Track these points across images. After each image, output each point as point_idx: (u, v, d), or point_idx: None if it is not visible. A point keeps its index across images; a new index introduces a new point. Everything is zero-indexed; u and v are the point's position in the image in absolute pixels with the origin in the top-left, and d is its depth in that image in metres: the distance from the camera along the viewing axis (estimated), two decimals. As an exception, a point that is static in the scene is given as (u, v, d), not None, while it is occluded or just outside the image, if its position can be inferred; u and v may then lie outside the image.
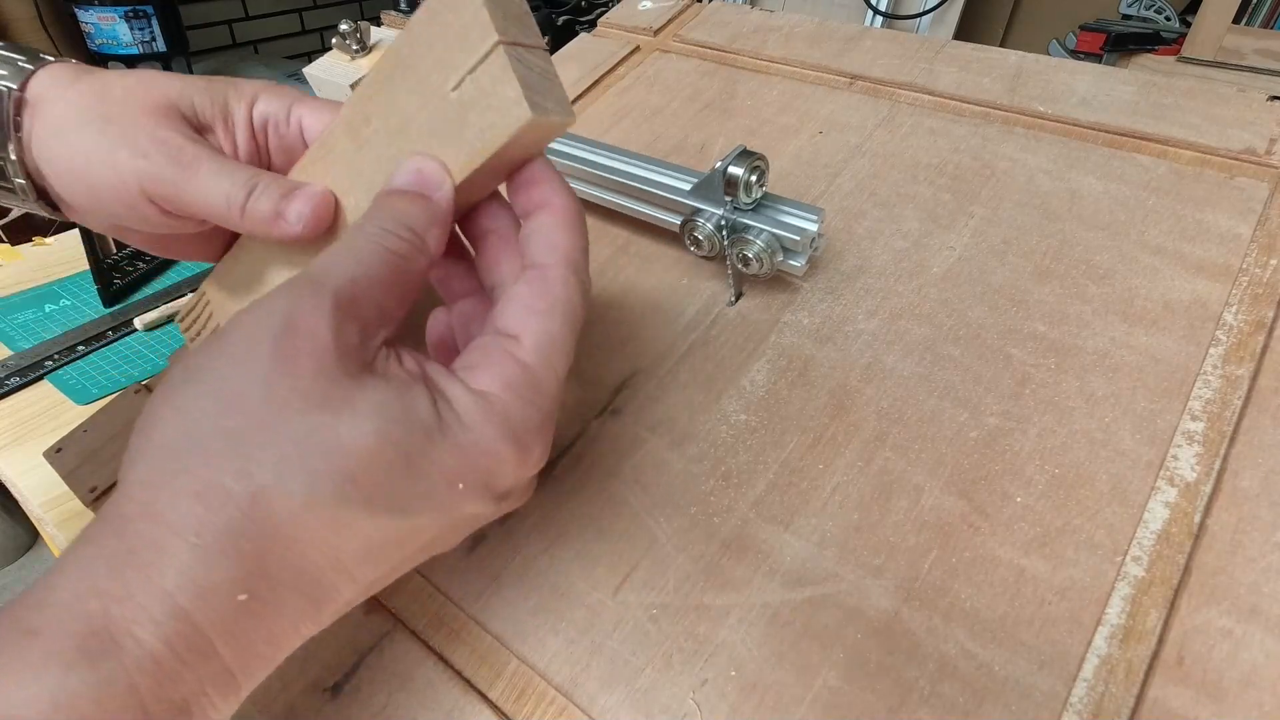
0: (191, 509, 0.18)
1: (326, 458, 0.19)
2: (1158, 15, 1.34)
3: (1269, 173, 0.35)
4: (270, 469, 0.18)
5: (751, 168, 0.33)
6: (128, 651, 0.17)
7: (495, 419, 0.21)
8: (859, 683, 0.24)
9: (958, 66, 0.45)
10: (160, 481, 0.18)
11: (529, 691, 0.26)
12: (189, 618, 0.17)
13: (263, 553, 0.18)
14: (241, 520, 0.18)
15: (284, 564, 0.19)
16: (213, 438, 0.19)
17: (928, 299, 0.34)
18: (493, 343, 0.22)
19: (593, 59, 0.54)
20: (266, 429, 0.19)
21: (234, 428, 0.19)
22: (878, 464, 0.29)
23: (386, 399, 0.19)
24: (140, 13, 1.14)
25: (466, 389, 0.21)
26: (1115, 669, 0.23)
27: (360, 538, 0.19)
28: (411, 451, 0.19)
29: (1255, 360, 0.29)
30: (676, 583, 0.28)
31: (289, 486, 0.18)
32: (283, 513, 0.18)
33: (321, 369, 0.19)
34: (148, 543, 0.18)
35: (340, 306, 0.20)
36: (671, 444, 0.31)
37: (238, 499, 0.18)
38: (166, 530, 0.18)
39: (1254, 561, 0.25)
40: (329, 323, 0.20)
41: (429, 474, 0.20)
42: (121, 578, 0.17)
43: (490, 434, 0.20)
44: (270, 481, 0.18)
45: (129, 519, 0.18)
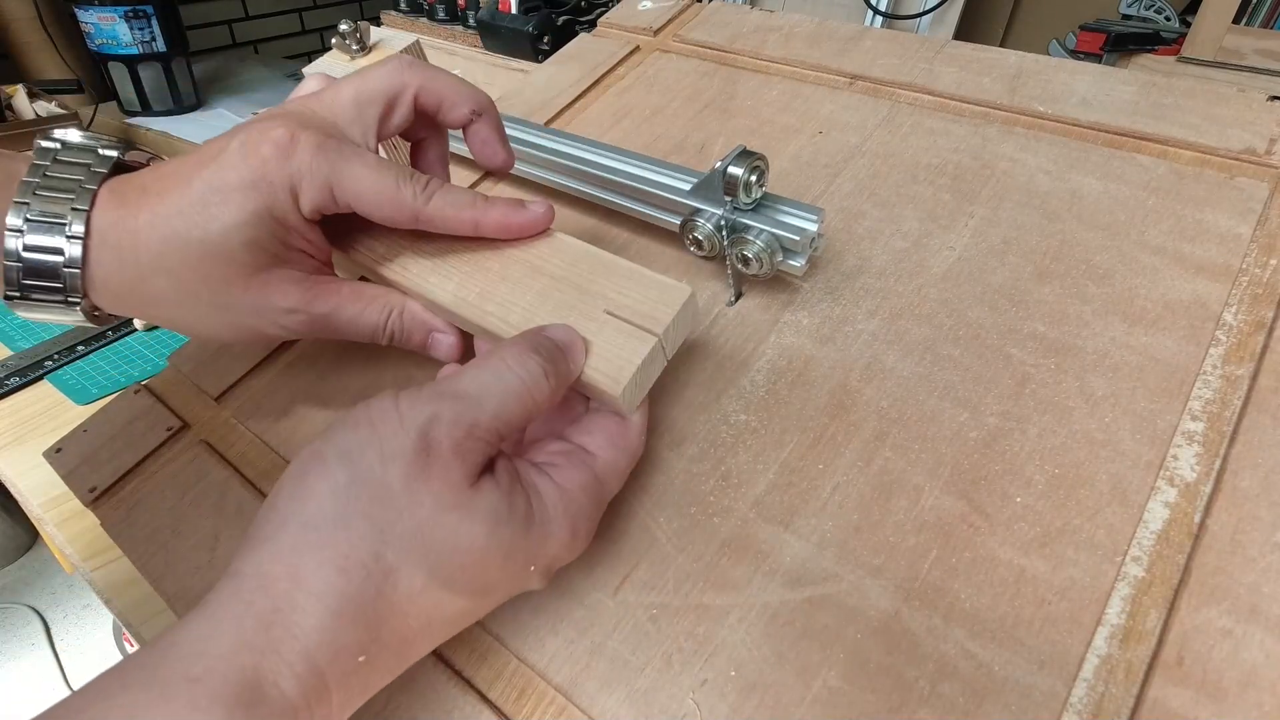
0: (334, 580, 0.21)
1: (445, 553, 0.22)
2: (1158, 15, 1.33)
3: (1269, 173, 0.35)
4: (403, 555, 0.22)
5: (751, 168, 0.33)
6: (273, 701, 0.20)
7: (569, 512, 0.25)
8: (859, 683, 0.24)
9: (958, 66, 0.45)
10: (308, 550, 0.21)
11: (529, 691, 0.26)
12: (321, 674, 0.20)
13: (381, 623, 0.22)
14: (373, 594, 0.21)
15: (392, 632, 0.22)
16: (358, 520, 0.22)
17: (928, 299, 0.34)
18: (574, 451, 0.27)
19: (593, 59, 0.54)
20: (401, 520, 0.22)
21: (375, 514, 0.22)
22: (877, 464, 0.29)
23: (497, 504, 0.23)
24: (140, 13, 1.14)
25: (553, 483, 0.25)
26: (1115, 669, 0.23)
27: (451, 611, 0.23)
28: (511, 545, 0.23)
29: (1255, 360, 0.29)
30: (676, 583, 0.28)
31: (414, 571, 0.22)
32: (404, 591, 0.22)
33: (449, 478, 0.23)
34: (292, 604, 0.21)
35: (475, 432, 0.23)
36: (671, 444, 0.31)
37: (373, 576, 0.21)
38: (309, 595, 0.21)
39: (1254, 561, 0.25)
40: (462, 445, 0.23)
41: (516, 561, 0.24)
42: (270, 634, 0.20)
43: (565, 525, 0.25)
44: (398, 564, 0.22)
45: (274, 578, 0.21)
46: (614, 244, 0.41)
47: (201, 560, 0.32)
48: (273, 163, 0.27)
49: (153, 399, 0.38)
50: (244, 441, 0.36)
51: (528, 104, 0.51)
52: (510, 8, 0.95)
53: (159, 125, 1.22)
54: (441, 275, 0.31)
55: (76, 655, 1.36)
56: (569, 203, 0.43)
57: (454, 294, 0.30)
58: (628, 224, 0.41)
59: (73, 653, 1.36)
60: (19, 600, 1.43)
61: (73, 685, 1.31)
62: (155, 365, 0.62)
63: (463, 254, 0.31)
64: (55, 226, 0.27)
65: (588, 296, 0.29)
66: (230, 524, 0.33)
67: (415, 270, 0.31)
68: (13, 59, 1.30)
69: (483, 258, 0.31)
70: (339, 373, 0.37)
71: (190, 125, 1.21)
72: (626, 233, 0.41)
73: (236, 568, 0.22)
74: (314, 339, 0.32)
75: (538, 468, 0.26)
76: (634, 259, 0.39)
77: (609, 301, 0.28)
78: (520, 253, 0.30)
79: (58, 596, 1.45)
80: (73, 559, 0.46)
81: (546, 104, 0.51)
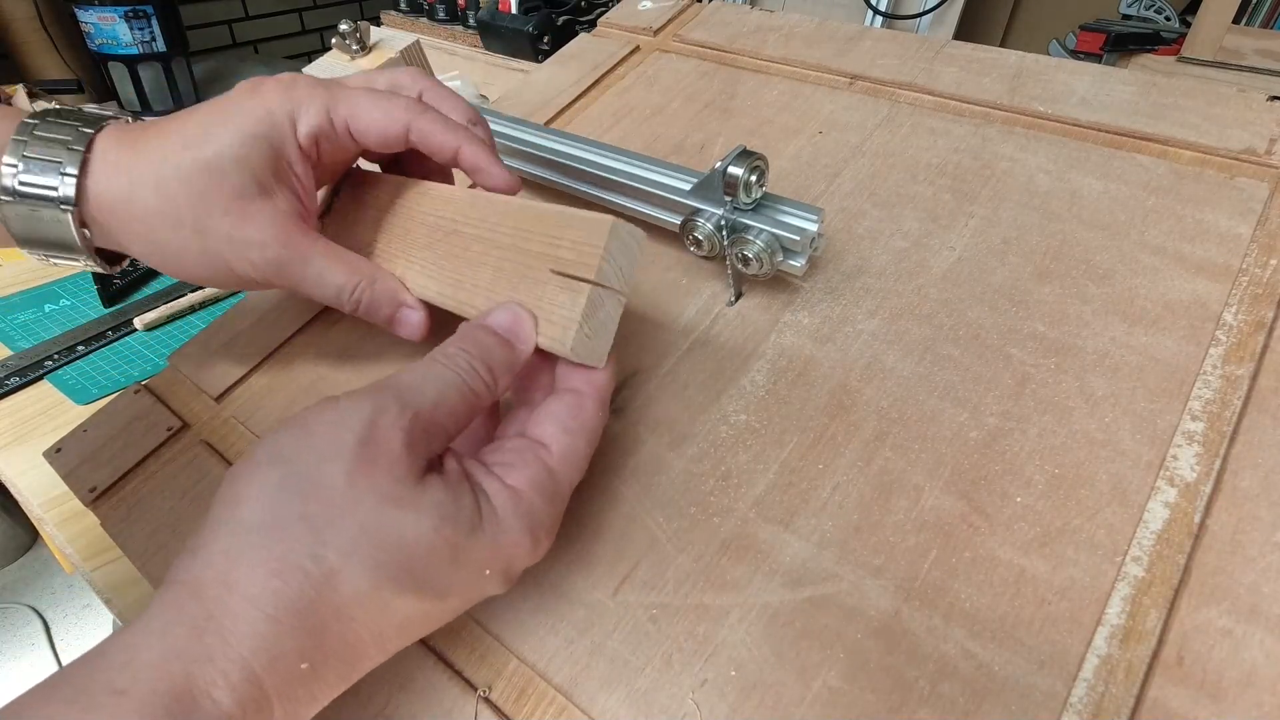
0: (268, 583, 0.20)
1: (390, 550, 0.21)
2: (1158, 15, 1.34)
3: (1269, 173, 0.35)
4: (342, 555, 0.21)
5: (751, 168, 0.33)
6: (205, 711, 0.19)
7: (523, 514, 0.24)
8: (859, 683, 0.24)
9: (958, 66, 0.45)
10: (240, 555, 0.20)
11: (529, 691, 0.26)
12: (259, 682, 0.19)
13: (324, 628, 0.21)
14: (313, 597, 0.20)
15: (338, 638, 0.21)
16: (294, 522, 0.21)
17: (928, 299, 0.34)
18: (525, 446, 0.26)
19: (593, 59, 0.54)
20: (342, 519, 0.21)
21: (314, 514, 0.21)
22: (877, 464, 0.29)
23: (443, 500, 0.22)
24: (140, 13, 1.14)
25: (502, 484, 0.24)
26: (1115, 669, 0.23)
27: (401, 616, 0.22)
28: (458, 545, 0.22)
29: (1255, 360, 0.29)
30: (676, 583, 0.28)
31: (355, 571, 0.21)
32: (347, 594, 0.21)
33: (393, 473, 0.22)
34: (226, 610, 0.20)
35: (417, 425, 0.23)
36: (671, 444, 0.31)
37: (312, 578, 0.20)
38: (243, 600, 0.20)
39: (1254, 561, 0.25)
40: (404, 438, 0.22)
41: (468, 563, 0.23)
42: (202, 642, 0.19)
43: (517, 526, 0.24)
44: (340, 566, 0.21)
45: (206, 585, 0.20)
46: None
47: (201, 560, 0.32)
48: (274, 97, 0.30)
49: (153, 399, 0.38)
50: (244, 441, 0.36)
51: (528, 104, 0.51)
52: (510, 8, 0.95)
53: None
54: (427, 276, 0.32)
55: (76, 655, 1.36)
56: (569, 202, 0.43)
57: (437, 292, 0.31)
58: (628, 224, 0.41)
59: (73, 653, 1.36)
60: (19, 600, 1.43)
61: (73, 685, 1.30)
62: (155, 365, 0.62)
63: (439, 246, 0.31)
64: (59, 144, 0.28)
65: (533, 259, 0.28)
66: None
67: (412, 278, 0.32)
68: (13, 59, 1.30)
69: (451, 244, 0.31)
70: (339, 373, 0.37)
71: (190, 125, 1.21)
72: (626, 233, 0.41)
73: (171, 577, 0.21)
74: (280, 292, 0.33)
75: (487, 469, 0.25)
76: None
77: (551, 259, 0.27)
78: (475, 229, 0.30)
79: (58, 596, 1.45)
80: (73, 559, 0.46)
81: (547, 104, 0.51)
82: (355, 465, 0.22)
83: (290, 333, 0.39)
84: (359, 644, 0.22)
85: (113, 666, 0.19)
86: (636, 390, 0.33)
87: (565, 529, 0.29)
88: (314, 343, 0.39)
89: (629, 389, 0.33)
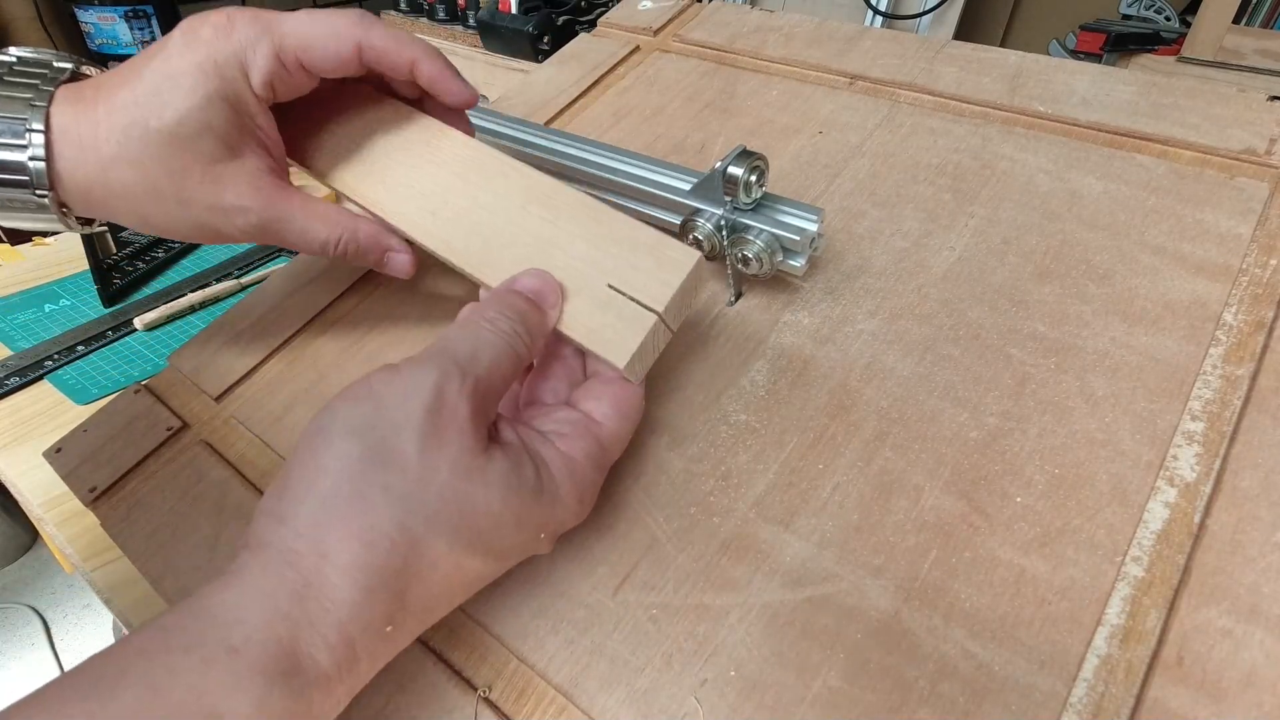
0: (357, 552, 0.21)
1: (466, 518, 0.23)
2: (1157, 15, 1.33)
3: (1269, 173, 0.35)
4: (427, 524, 0.22)
5: (751, 168, 0.33)
6: (307, 671, 0.20)
7: (575, 480, 0.26)
8: (859, 683, 0.24)
9: (957, 66, 0.45)
10: (330, 525, 0.22)
11: (529, 691, 0.26)
12: (353, 644, 0.21)
13: (407, 590, 0.22)
14: (399, 566, 0.22)
15: (418, 599, 0.23)
16: (376, 491, 0.22)
17: (928, 299, 0.34)
18: (580, 420, 0.27)
19: (593, 59, 0.54)
20: (422, 490, 0.22)
21: (394, 485, 0.22)
22: (877, 464, 0.29)
23: (507, 469, 0.24)
24: (140, 13, 1.14)
25: (559, 452, 0.26)
26: (1115, 669, 0.23)
27: (471, 575, 0.24)
28: (521, 511, 0.24)
29: (1255, 360, 0.29)
30: (676, 583, 0.28)
31: (436, 539, 0.22)
32: (428, 559, 0.22)
33: (463, 443, 0.23)
34: (324, 579, 0.21)
35: (478, 391, 0.24)
36: (671, 444, 0.31)
37: (399, 547, 0.22)
38: (337, 570, 0.21)
39: (1254, 561, 0.25)
40: (469, 405, 0.24)
41: (528, 526, 0.24)
42: (303, 607, 0.21)
43: (570, 491, 0.25)
44: (423, 535, 0.22)
45: (300, 554, 0.21)
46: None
47: (201, 560, 0.32)
48: (215, 43, 0.29)
49: (153, 399, 0.38)
50: (244, 441, 0.36)
51: (528, 104, 0.51)
52: (510, 8, 0.95)
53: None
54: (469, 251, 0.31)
55: (76, 655, 1.36)
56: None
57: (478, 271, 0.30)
58: (628, 224, 0.41)
59: (73, 653, 1.36)
60: (19, 600, 1.43)
61: (73, 685, 1.30)
62: (155, 365, 0.62)
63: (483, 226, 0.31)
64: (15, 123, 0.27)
65: (593, 268, 0.29)
66: (230, 524, 0.33)
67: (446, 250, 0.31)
68: (13, 59, 1.30)
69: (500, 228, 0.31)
70: (340, 372, 0.37)
71: (190, 125, 1.21)
72: (626, 233, 0.41)
73: (259, 540, 0.22)
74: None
75: (544, 436, 0.26)
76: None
77: (613, 275, 0.28)
78: (535, 225, 0.30)
79: (58, 596, 1.44)
80: (73, 559, 0.46)
81: (546, 104, 0.51)
82: (427, 435, 0.23)
83: (291, 333, 0.39)
84: (434, 602, 0.23)
85: (224, 624, 0.20)
86: (636, 390, 0.33)
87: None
88: (314, 342, 0.39)
89: (629, 389, 0.33)
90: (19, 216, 0.30)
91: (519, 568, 0.29)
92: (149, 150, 0.28)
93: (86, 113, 0.28)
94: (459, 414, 0.23)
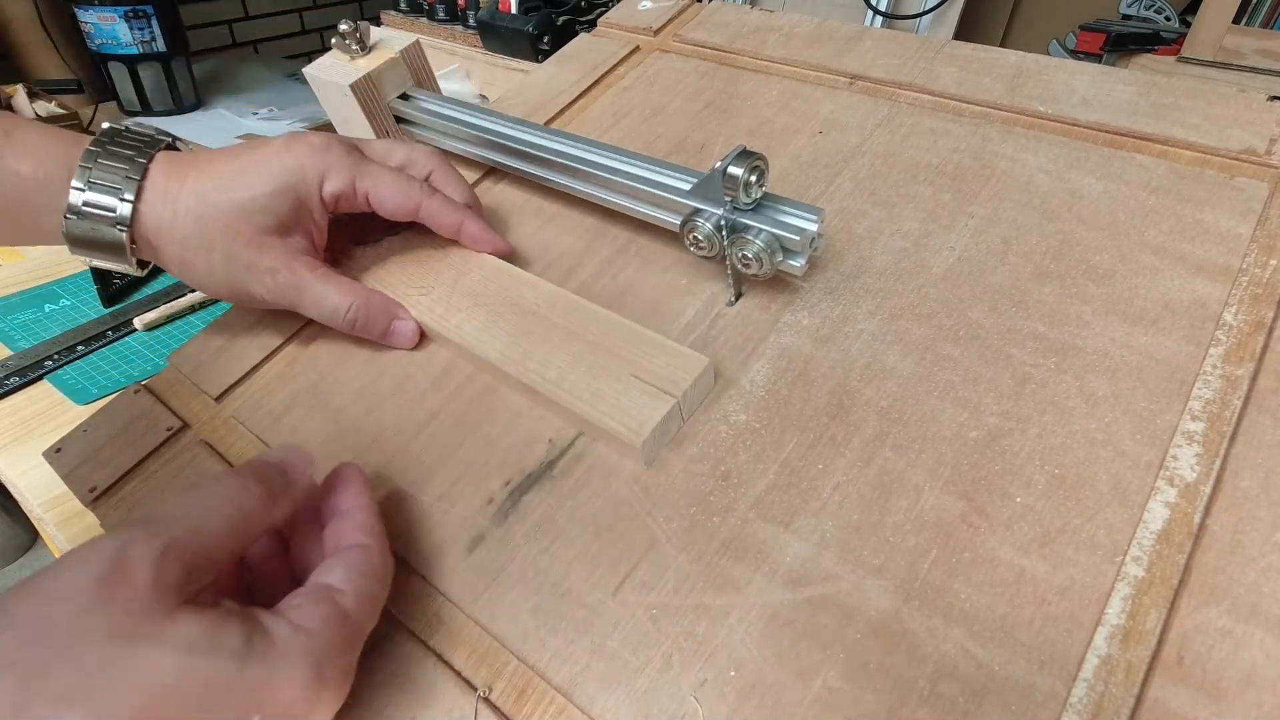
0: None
1: (117, 692, 0.19)
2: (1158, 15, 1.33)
3: (1269, 173, 0.35)
4: (55, 702, 0.18)
5: (751, 168, 0.33)
6: None
7: (310, 650, 0.22)
8: (859, 683, 0.24)
9: (957, 66, 0.45)
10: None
11: (529, 692, 0.26)
12: None
13: None
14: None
15: None
16: (4, 670, 0.18)
17: (928, 299, 0.34)
18: (319, 591, 0.24)
19: (592, 59, 0.54)
20: (63, 663, 0.19)
21: (28, 661, 0.19)
22: (877, 464, 0.29)
23: (196, 632, 0.20)
24: (140, 13, 1.14)
25: (288, 621, 0.23)
26: (1115, 669, 0.23)
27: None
28: (214, 679, 0.20)
29: (1255, 360, 0.29)
30: (676, 583, 0.28)
31: (69, 717, 0.18)
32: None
33: (133, 605, 0.20)
34: None
35: (169, 552, 0.21)
36: (671, 444, 0.31)
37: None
38: None
39: (1254, 561, 0.25)
40: (152, 565, 0.20)
41: (228, 703, 0.20)
42: None
43: (301, 663, 0.22)
44: (48, 714, 0.18)
45: None
46: (614, 243, 0.41)
47: (201, 560, 0.32)
48: (307, 155, 0.35)
49: (153, 399, 0.38)
50: (244, 442, 0.36)
51: (528, 104, 0.51)
52: (510, 8, 0.95)
53: (159, 125, 1.22)
54: (491, 335, 0.35)
55: (76, 655, 1.35)
56: (570, 202, 0.43)
57: (501, 352, 0.34)
58: (628, 223, 0.41)
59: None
60: (19, 600, 1.43)
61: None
62: (155, 365, 0.62)
63: (510, 318, 0.35)
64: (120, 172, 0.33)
65: (617, 361, 0.32)
66: (230, 524, 0.33)
67: (469, 330, 0.35)
68: (12, 59, 1.30)
69: (527, 322, 0.35)
70: (339, 372, 0.37)
71: (190, 125, 1.21)
72: (627, 232, 0.41)
73: None
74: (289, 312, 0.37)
75: (273, 611, 0.23)
76: (634, 258, 0.40)
77: (635, 366, 0.32)
78: (561, 320, 0.35)
79: (58, 596, 1.44)
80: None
81: (546, 104, 0.51)
82: (89, 604, 0.19)
83: (291, 332, 0.39)
84: None
85: None
86: (636, 390, 0.33)
87: (565, 528, 0.30)
88: (314, 342, 0.39)
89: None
90: (93, 251, 0.34)
91: (517, 566, 0.29)
92: (217, 211, 0.33)
93: (177, 173, 0.33)
94: (135, 579, 0.20)
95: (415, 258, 0.39)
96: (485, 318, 0.35)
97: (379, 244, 0.40)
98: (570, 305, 0.35)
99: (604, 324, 0.34)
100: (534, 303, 0.36)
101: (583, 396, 0.31)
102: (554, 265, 0.40)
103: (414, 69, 0.48)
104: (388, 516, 0.31)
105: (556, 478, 0.31)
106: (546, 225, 0.43)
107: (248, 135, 1.19)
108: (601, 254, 0.40)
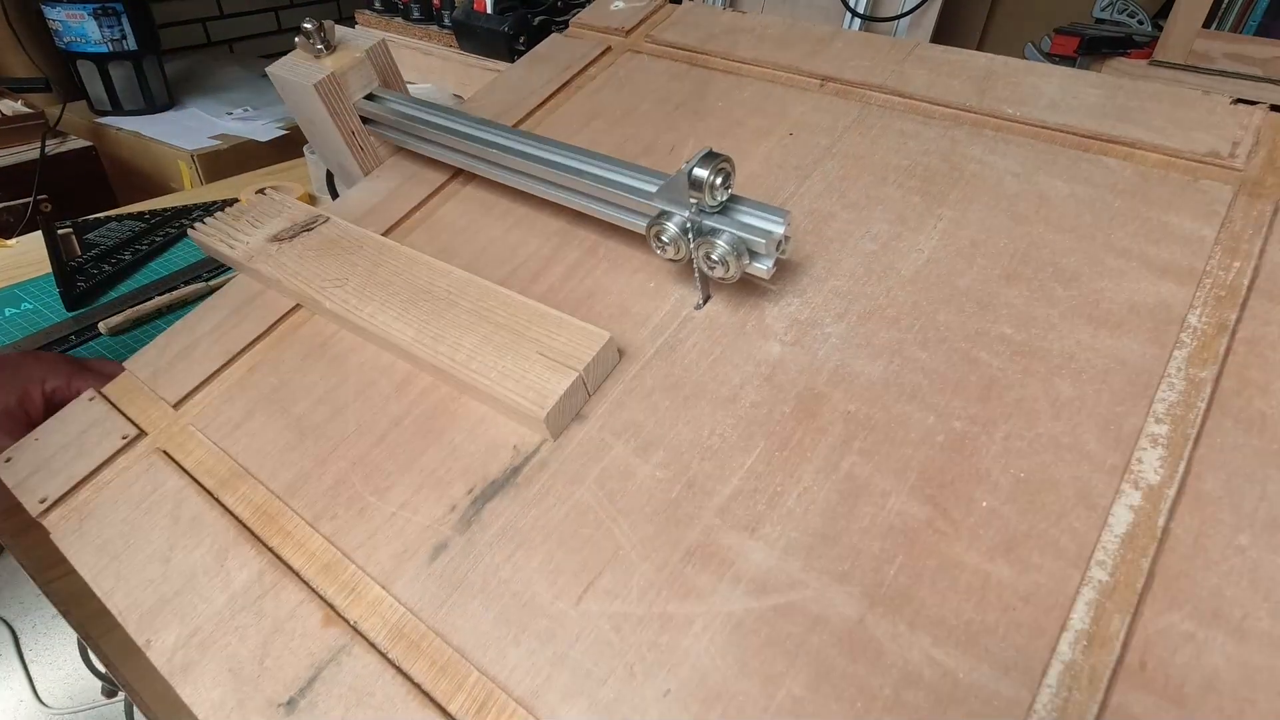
0: None
1: None
2: (1130, 19, 1.35)
3: (1232, 175, 0.35)
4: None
5: (717, 170, 0.32)
6: None
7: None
8: (823, 692, 0.24)
9: (928, 68, 0.45)
10: None
11: (489, 704, 0.26)
12: None
13: None
14: None
15: None
16: None
17: (896, 301, 0.34)
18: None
19: (564, 59, 0.53)
20: None
21: None
22: (844, 469, 0.29)
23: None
24: (109, 10, 1.12)
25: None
26: (1079, 675, 0.23)
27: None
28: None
29: (1218, 363, 0.29)
30: (640, 591, 0.27)
31: None
32: None
33: None
34: None
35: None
36: (637, 450, 0.31)
37: None
38: None
39: (1216, 565, 0.24)
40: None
41: None
42: None
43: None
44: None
45: None
46: (582, 246, 0.40)
47: (155, 574, 0.31)
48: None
49: (108, 406, 0.37)
50: (202, 449, 0.35)
51: (498, 104, 0.50)
52: (485, 8, 0.95)
53: (130, 125, 1.20)
54: (404, 322, 0.35)
55: (46, 666, 1.33)
56: (537, 205, 0.43)
57: (413, 338, 0.34)
58: (595, 226, 0.41)
59: (42, 664, 1.33)
60: (-14, 610, 1.40)
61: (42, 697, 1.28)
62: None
63: (423, 305, 0.36)
64: None
65: (523, 340, 0.33)
66: (185, 535, 0.32)
67: (382, 319, 0.36)
68: (-22, 57, 1.27)
69: (440, 308, 0.36)
70: (301, 377, 0.36)
71: (162, 125, 1.19)
72: (595, 235, 0.41)
73: None
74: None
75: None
76: (602, 261, 0.39)
77: (540, 345, 0.33)
78: (472, 304, 0.35)
79: (26, 606, 1.41)
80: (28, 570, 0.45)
81: (517, 104, 0.50)
82: None
83: (252, 338, 0.38)
84: None
85: None
86: (603, 395, 0.33)
87: (528, 536, 0.29)
88: (276, 348, 0.38)
89: (595, 394, 0.33)
90: None
91: (480, 575, 0.28)
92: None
93: None
94: None
95: (331, 253, 0.40)
96: (399, 306, 0.36)
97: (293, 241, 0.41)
98: (481, 290, 0.36)
99: (513, 307, 0.35)
100: (446, 289, 0.36)
101: (490, 375, 0.32)
102: (522, 268, 0.40)
103: (380, 69, 0.47)
104: (349, 523, 0.31)
105: (520, 485, 0.31)
106: (514, 228, 0.42)
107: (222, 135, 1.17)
108: (569, 257, 0.40)
